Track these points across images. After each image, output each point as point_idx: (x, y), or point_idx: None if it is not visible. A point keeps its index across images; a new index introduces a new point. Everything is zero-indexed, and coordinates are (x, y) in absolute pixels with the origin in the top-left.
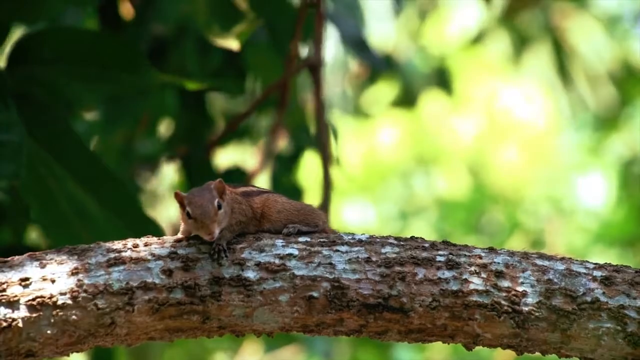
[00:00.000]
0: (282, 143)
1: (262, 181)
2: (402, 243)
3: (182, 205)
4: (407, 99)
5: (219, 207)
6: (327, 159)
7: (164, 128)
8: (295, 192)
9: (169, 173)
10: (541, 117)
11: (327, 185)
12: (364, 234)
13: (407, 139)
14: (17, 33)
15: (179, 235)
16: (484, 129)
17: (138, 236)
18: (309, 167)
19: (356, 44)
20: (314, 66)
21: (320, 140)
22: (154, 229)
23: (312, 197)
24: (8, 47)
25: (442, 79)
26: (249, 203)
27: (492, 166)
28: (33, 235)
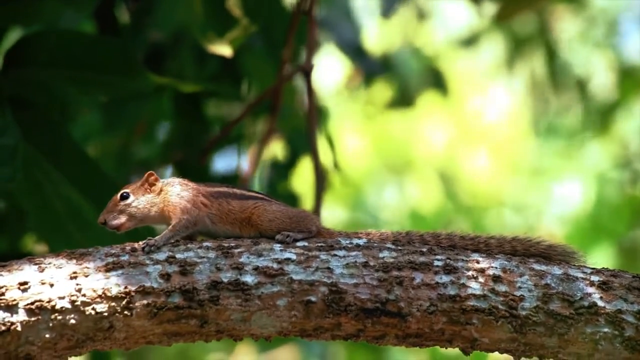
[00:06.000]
0: (277, 149)
1: (258, 187)
2: (399, 248)
3: None
4: (403, 100)
5: (124, 197)
6: (318, 163)
7: (161, 133)
8: (291, 199)
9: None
10: (512, 123)
11: (319, 189)
12: (361, 238)
13: (376, 148)
14: (12, 36)
15: None
16: (455, 136)
17: (134, 240)
18: (304, 173)
19: (352, 49)
20: (306, 72)
21: (312, 144)
22: (151, 232)
23: (308, 203)
24: (3, 49)
25: (437, 79)
26: (219, 203)
27: (463, 174)
28: (30, 242)
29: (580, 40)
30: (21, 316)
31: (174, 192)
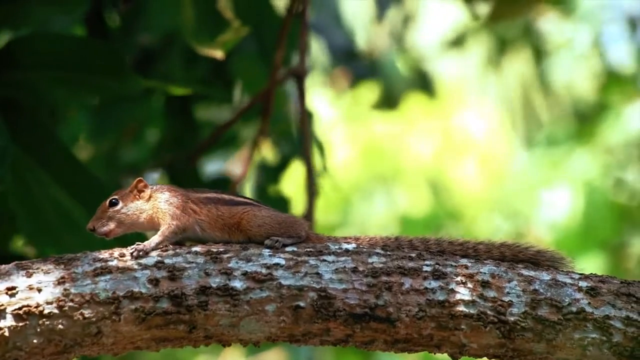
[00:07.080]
0: (267, 152)
1: (248, 190)
2: (388, 253)
3: None
4: (388, 102)
5: (113, 204)
6: (310, 168)
7: (151, 136)
8: (281, 202)
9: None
10: (498, 134)
11: (311, 193)
12: (350, 243)
13: (363, 157)
14: (1, 39)
15: None
16: (443, 143)
17: (123, 245)
18: (294, 177)
19: (344, 54)
20: (299, 76)
21: (304, 149)
22: (140, 237)
23: (297, 206)
24: None
25: (424, 81)
26: (208, 209)
27: (451, 183)
28: (20, 243)
29: (565, 44)
30: (9, 321)
31: (163, 199)
